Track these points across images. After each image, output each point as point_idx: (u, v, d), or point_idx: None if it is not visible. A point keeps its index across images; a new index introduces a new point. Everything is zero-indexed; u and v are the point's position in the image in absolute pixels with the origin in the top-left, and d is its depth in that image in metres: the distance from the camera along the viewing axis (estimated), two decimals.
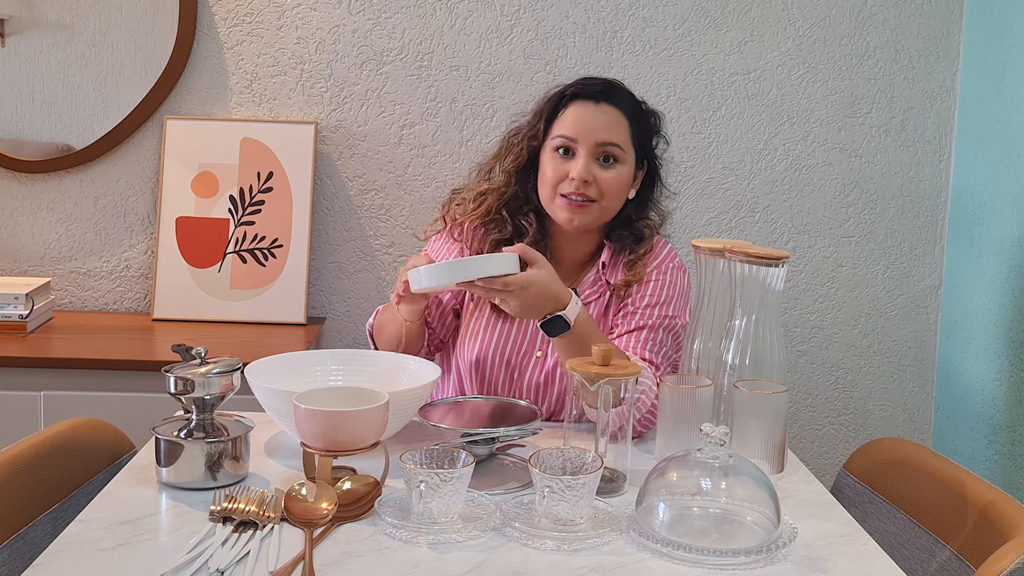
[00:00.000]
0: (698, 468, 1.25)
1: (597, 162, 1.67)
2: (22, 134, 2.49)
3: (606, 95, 1.70)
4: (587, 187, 1.66)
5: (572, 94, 1.71)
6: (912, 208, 2.61)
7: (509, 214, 1.74)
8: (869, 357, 2.65)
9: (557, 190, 1.68)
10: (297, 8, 2.49)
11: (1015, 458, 2.27)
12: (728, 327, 1.51)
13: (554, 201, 1.69)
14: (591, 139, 1.67)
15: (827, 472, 2.57)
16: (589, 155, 1.66)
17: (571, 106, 1.70)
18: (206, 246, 2.46)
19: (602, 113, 1.69)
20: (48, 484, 1.40)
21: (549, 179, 1.69)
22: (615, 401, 1.37)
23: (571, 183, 1.66)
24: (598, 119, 1.68)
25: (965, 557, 1.34)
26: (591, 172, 1.66)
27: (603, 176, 1.67)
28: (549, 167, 1.69)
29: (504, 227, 1.74)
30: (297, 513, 1.25)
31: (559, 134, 1.69)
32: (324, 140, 2.52)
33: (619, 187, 1.69)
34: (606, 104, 1.69)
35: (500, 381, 1.74)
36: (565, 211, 1.68)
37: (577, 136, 1.67)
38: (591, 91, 1.71)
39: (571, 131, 1.68)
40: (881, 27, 2.54)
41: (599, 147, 1.67)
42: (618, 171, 1.69)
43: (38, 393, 2.06)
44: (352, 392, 1.38)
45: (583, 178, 1.65)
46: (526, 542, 1.20)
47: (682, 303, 1.75)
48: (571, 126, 1.68)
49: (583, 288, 1.74)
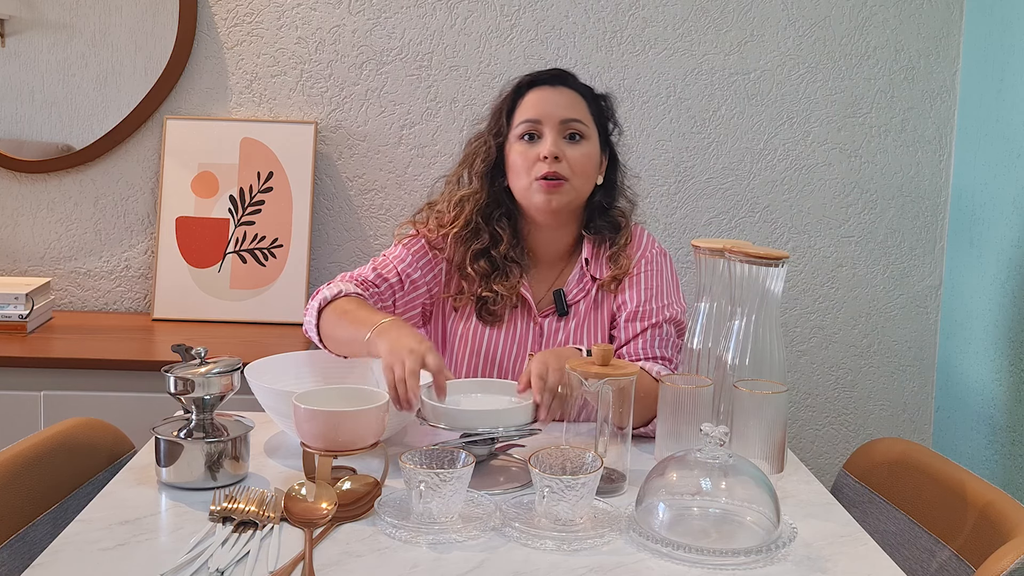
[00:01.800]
0: (698, 468, 1.25)
1: (564, 140, 1.69)
2: (22, 134, 2.49)
3: (561, 79, 1.74)
4: (558, 164, 1.67)
5: (528, 83, 1.74)
6: (912, 208, 2.61)
7: (484, 221, 1.74)
8: (869, 357, 2.65)
9: (531, 175, 1.68)
10: (297, 8, 2.49)
11: (1015, 458, 2.27)
12: (728, 327, 1.51)
13: (530, 187, 1.69)
14: (555, 117, 1.69)
15: (827, 472, 2.57)
16: (556, 133, 1.68)
17: (528, 94, 1.73)
18: (206, 246, 2.46)
19: (561, 94, 1.71)
20: (48, 484, 1.40)
21: (521, 167, 1.70)
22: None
23: (543, 164, 1.67)
24: (559, 99, 1.71)
25: (965, 557, 1.34)
26: (560, 148, 1.67)
27: (572, 153, 1.68)
28: (519, 157, 1.70)
29: (481, 236, 1.73)
30: (297, 513, 1.25)
31: (523, 119, 1.70)
32: (324, 140, 2.52)
33: (588, 164, 1.71)
34: (562, 87, 1.73)
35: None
36: (541, 193, 1.68)
37: (541, 116, 1.69)
38: (546, 77, 1.74)
39: (534, 113, 1.70)
40: (881, 27, 2.54)
41: (564, 124, 1.69)
42: (585, 148, 1.70)
43: (38, 393, 2.06)
44: (352, 392, 1.38)
45: (553, 154, 1.66)
46: (526, 542, 1.20)
47: (674, 288, 1.77)
48: (533, 109, 1.70)
49: (569, 287, 1.75)
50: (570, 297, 1.73)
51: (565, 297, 1.73)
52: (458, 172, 1.80)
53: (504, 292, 1.71)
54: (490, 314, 1.72)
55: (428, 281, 1.75)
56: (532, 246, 1.77)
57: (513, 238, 1.74)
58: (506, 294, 1.71)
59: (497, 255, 1.72)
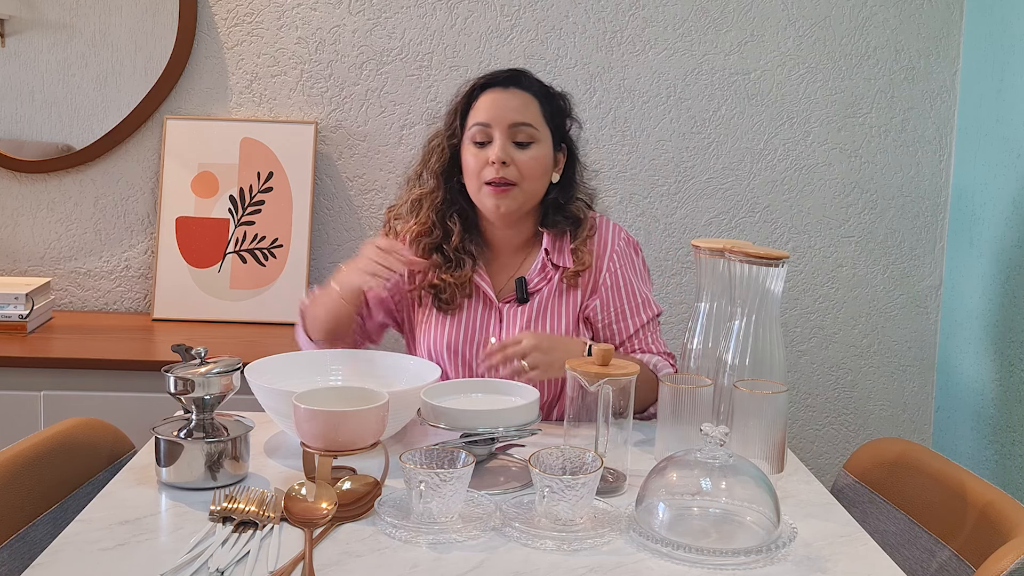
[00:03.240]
0: (698, 468, 1.25)
1: (513, 145, 1.70)
2: (22, 134, 2.49)
3: (514, 80, 1.75)
4: (506, 169, 1.69)
5: (482, 85, 1.75)
6: (912, 208, 2.61)
7: (438, 218, 1.78)
8: (869, 357, 2.65)
9: (480, 179, 1.71)
10: (297, 8, 2.49)
11: (1015, 458, 2.27)
12: (728, 327, 1.51)
13: (480, 191, 1.72)
14: (504, 121, 1.70)
15: (827, 472, 2.57)
16: (504, 137, 1.70)
17: (481, 96, 1.74)
18: (206, 246, 2.46)
19: (512, 96, 1.73)
20: (48, 484, 1.40)
21: (472, 170, 1.72)
22: None
23: (490, 168, 1.69)
24: (509, 102, 1.72)
25: (965, 557, 1.34)
26: (508, 154, 1.69)
27: (520, 158, 1.70)
28: (471, 159, 1.73)
29: (434, 232, 1.78)
30: (297, 513, 1.25)
31: (474, 123, 1.72)
32: (324, 140, 2.52)
33: (538, 167, 1.72)
34: (515, 88, 1.74)
35: (459, 373, 1.76)
36: (491, 198, 1.71)
37: (491, 120, 1.71)
38: (499, 79, 1.75)
39: (485, 117, 1.72)
40: (881, 27, 2.54)
41: (512, 128, 1.70)
42: (534, 152, 1.72)
43: (38, 393, 2.06)
44: (352, 392, 1.38)
45: (500, 159, 1.68)
46: (526, 542, 1.20)
47: (644, 279, 1.82)
48: (484, 112, 1.72)
49: (531, 275, 1.76)
50: (531, 285, 1.76)
51: (526, 285, 1.75)
52: (418, 170, 1.83)
53: (453, 282, 1.74)
54: (445, 303, 1.76)
55: (391, 287, 1.79)
56: (490, 239, 1.81)
57: (466, 232, 1.78)
58: (455, 283, 1.74)
59: (448, 248, 1.76)
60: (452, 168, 1.78)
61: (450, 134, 1.77)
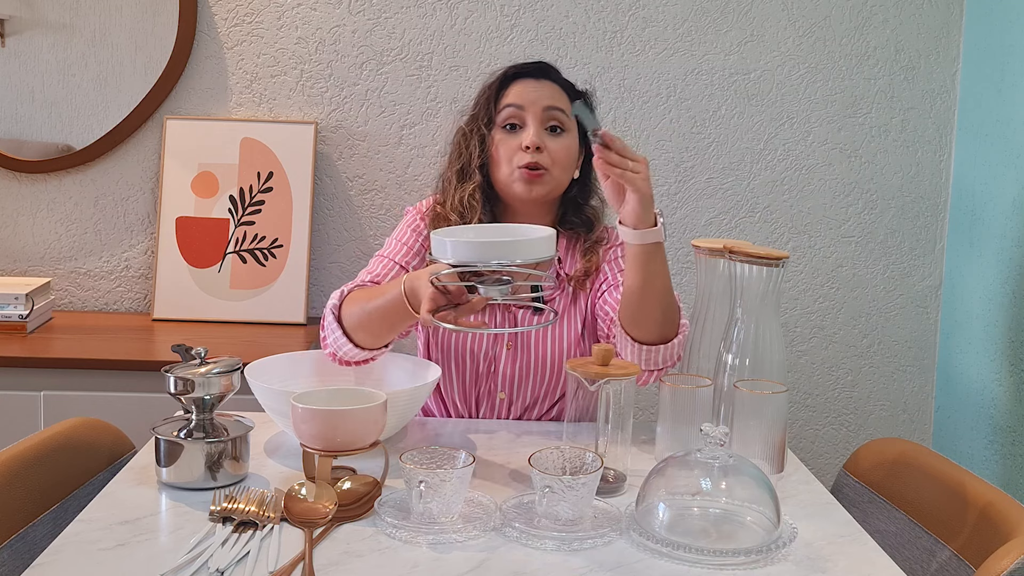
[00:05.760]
0: (698, 468, 1.25)
1: (546, 131, 1.71)
2: (22, 134, 2.49)
3: (544, 72, 1.76)
4: (540, 155, 1.68)
5: (512, 75, 1.76)
6: (912, 208, 2.61)
7: (484, 211, 1.74)
8: (869, 357, 2.65)
9: (513, 164, 1.70)
10: (297, 8, 2.49)
11: (1015, 458, 2.27)
12: (728, 327, 1.51)
13: (511, 176, 1.71)
14: (538, 105, 1.71)
15: (827, 472, 2.57)
16: (538, 122, 1.70)
17: (512, 85, 1.75)
18: (206, 246, 2.46)
19: (544, 86, 1.74)
20: (48, 484, 1.40)
21: (503, 156, 1.71)
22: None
23: (524, 154, 1.68)
24: (541, 90, 1.73)
25: (965, 557, 1.34)
26: (542, 139, 1.69)
27: (552, 145, 1.70)
28: (501, 146, 1.72)
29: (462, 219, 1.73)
30: (297, 513, 1.25)
31: (507, 104, 1.72)
32: (324, 140, 2.52)
33: (568, 156, 1.73)
34: (545, 80, 1.75)
35: (471, 375, 1.74)
36: (522, 183, 1.69)
37: (524, 104, 1.71)
38: (529, 69, 1.76)
39: (518, 99, 1.72)
40: (881, 27, 2.54)
41: (547, 112, 1.70)
42: (565, 140, 1.72)
43: (38, 393, 2.06)
44: (351, 392, 1.38)
45: (535, 144, 1.68)
46: (526, 542, 1.20)
47: None
48: (518, 96, 1.72)
49: (546, 286, 1.74)
50: (547, 293, 1.75)
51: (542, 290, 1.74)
52: (463, 161, 1.77)
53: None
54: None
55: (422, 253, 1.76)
56: None
57: (490, 218, 1.74)
58: None
59: None
60: (481, 159, 1.75)
61: (485, 119, 1.75)
